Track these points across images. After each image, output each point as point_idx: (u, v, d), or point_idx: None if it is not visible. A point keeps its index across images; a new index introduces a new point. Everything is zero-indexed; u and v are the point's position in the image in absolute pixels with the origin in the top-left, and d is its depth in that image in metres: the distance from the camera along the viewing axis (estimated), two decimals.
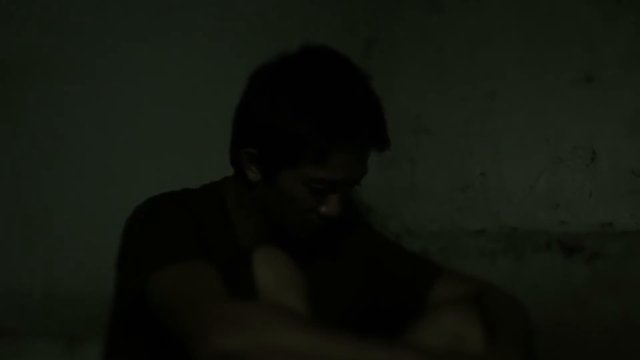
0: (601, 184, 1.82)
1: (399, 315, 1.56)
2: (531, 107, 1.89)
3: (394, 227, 1.99)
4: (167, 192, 1.46)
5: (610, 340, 1.73)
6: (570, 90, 1.85)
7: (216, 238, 1.42)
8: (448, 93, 1.96)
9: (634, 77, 1.80)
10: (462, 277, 1.58)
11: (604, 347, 1.73)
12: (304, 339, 1.20)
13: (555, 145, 1.86)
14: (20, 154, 1.97)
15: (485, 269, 1.81)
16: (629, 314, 1.72)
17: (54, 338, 1.93)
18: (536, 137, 1.88)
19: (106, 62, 1.97)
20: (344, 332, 1.22)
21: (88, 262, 1.92)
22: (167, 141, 1.97)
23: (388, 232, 1.95)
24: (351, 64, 1.44)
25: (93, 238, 1.92)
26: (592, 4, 1.84)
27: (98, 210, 1.93)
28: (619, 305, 1.73)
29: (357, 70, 1.43)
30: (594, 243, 1.78)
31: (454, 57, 1.97)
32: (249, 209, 1.48)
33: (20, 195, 1.96)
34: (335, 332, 1.22)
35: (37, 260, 1.95)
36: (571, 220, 1.83)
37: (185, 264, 1.30)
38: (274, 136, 1.38)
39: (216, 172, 1.55)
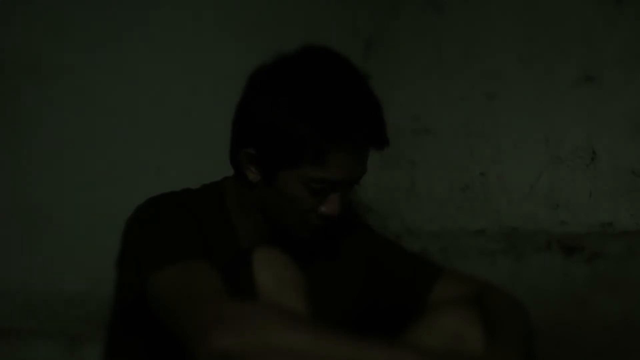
0: (601, 184, 1.82)
1: (399, 315, 1.56)
2: (531, 107, 1.89)
3: (394, 227, 2.00)
4: (168, 193, 1.46)
5: (610, 340, 1.73)
6: (570, 90, 1.85)
7: (216, 238, 1.42)
8: (448, 93, 1.96)
9: (634, 77, 1.80)
10: (462, 277, 1.58)
11: (604, 347, 1.73)
12: (304, 339, 1.20)
13: (555, 145, 1.86)
14: (20, 154, 1.96)
15: (485, 269, 1.81)
16: (629, 314, 1.72)
17: (54, 338, 1.93)
18: (536, 137, 1.88)
19: (106, 62, 1.97)
20: (344, 332, 1.22)
21: (88, 262, 1.92)
22: (167, 141, 1.97)
23: (388, 232, 1.95)
24: (350, 64, 1.44)
25: (93, 238, 1.92)
26: (592, 4, 1.84)
27: (98, 211, 1.93)
28: (619, 305, 1.73)
29: (356, 71, 1.43)
30: (594, 243, 1.78)
31: (454, 57, 1.97)
32: (249, 209, 1.48)
33: (20, 195, 1.96)
34: (335, 331, 1.22)
35: (37, 261, 1.95)
36: (571, 220, 1.83)
37: (185, 264, 1.30)
38: (273, 136, 1.38)
39: (216, 172, 1.55)
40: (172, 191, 1.47)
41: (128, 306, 1.35)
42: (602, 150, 1.82)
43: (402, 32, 2.01)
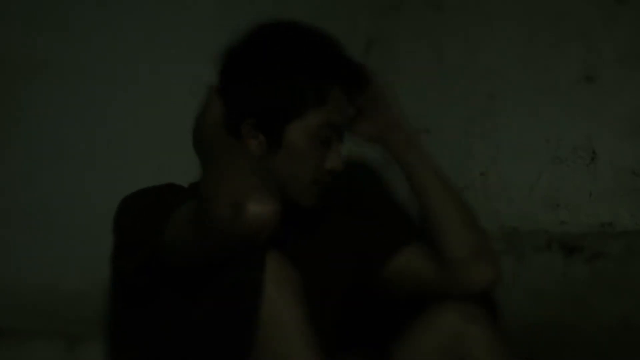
0: (601, 184, 1.82)
1: (398, 311, 1.56)
2: (531, 107, 1.89)
3: None
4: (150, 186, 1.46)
5: (610, 340, 1.73)
6: (570, 90, 1.85)
7: None
8: (448, 93, 1.96)
9: (634, 77, 1.80)
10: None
11: (604, 347, 1.73)
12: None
13: (555, 145, 1.86)
14: (21, 152, 1.97)
15: None
16: (629, 314, 1.72)
17: (54, 338, 1.93)
18: (536, 137, 1.87)
19: (106, 61, 1.97)
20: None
21: (88, 261, 1.92)
22: (167, 140, 1.97)
23: None
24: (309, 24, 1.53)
25: (93, 238, 1.92)
26: (592, 4, 1.84)
27: (98, 210, 1.92)
28: (619, 305, 1.73)
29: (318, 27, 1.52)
30: (594, 243, 1.78)
31: (454, 57, 1.97)
32: None
33: (20, 194, 1.96)
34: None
35: (37, 260, 1.95)
36: (571, 220, 1.83)
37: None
38: (275, 93, 1.43)
39: None
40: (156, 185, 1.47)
41: (135, 281, 1.34)
42: (602, 150, 1.82)
43: (402, 32, 2.01)
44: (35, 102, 1.96)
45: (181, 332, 1.31)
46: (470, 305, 1.45)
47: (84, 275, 1.92)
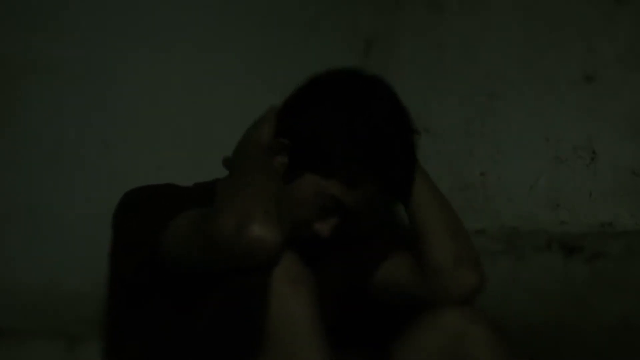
0: (601, 184, 1.82)
1: (398, 310, 1.56)
2: (531, 107, 1.89)
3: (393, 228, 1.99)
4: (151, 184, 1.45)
5: (610, 340, 1.73)
6: (570, 90, 1.85)
7: None
8: (448, 93, 1.96)
9: (633, 77, 1.80)
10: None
11: (604, 347, 1.73)
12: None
13: (555, 145, 1.86)
14: (21, 152, 1.97)
15: (485, 269, 1.81)
16: (629, 314, 1.72)
17: (54, 338, 1.93)
18: (536, 137, 1.88)
19: (106, 62, 1.97)
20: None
21: (88, 262, 1.92)
22: (167, 140, 1.97)
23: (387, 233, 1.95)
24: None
25: (93, 238, 1.92)
26: (592, 4, 1.84)
27: (98, 210, 1.93)
28: (619, 305, 1.73)
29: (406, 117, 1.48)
30: (594, 243, 1.78)
31: (454, 57, 1.97)
32: None
33: (19, 195, 1.96)
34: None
35: (37, 260, 1.95)
36: (571, 220, 1.83)
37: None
38: (325, 143, 1.39)
39: (216, 172, 1.55)
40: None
41: (135, 280, 1.34)
42: (602, 150, 1.82)
43: (402, 32, 2.01)
44: (32, 101, 1.96)
45: (186, 331, 1.31)
46: (470, 305, 1.45)
47: (84, 275, 1.92)
